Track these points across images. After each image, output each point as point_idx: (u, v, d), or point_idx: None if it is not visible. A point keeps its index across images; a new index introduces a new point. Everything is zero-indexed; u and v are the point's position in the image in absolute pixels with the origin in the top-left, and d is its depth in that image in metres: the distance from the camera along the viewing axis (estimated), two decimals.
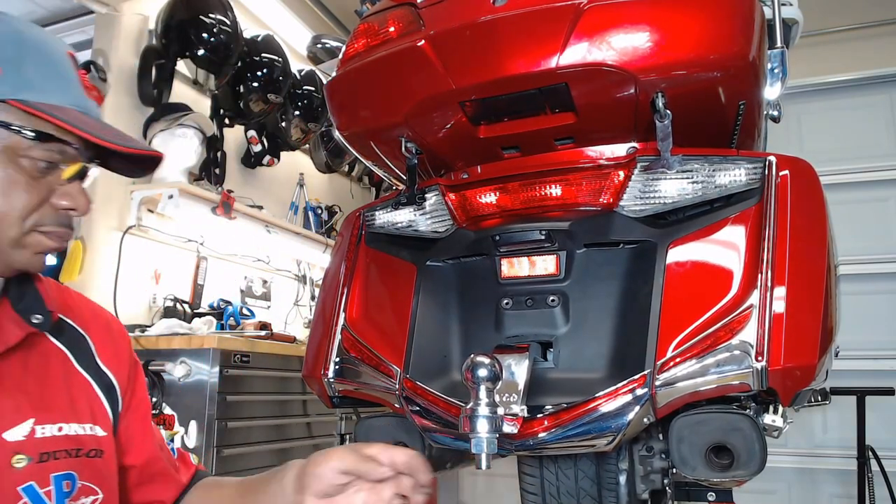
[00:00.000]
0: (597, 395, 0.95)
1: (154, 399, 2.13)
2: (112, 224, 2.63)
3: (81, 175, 0.79)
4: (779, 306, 0.91)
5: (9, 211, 0.73)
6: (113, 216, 2.67)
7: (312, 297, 3.80)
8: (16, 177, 0.73)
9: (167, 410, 2.15)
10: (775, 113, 1.18)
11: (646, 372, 0.93)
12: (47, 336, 0.83)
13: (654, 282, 1.00)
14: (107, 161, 0.82)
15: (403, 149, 1.18)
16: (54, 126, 0.74)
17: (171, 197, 2.63)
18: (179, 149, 2.73)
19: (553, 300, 1.10)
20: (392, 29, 1.16)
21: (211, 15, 2.76)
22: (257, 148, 3.45)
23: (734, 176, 1.01)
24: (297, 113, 3.43)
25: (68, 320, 0.88)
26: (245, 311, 3.13)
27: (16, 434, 0.73)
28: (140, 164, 0.85)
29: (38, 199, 0.75)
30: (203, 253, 3.06)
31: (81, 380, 0.86)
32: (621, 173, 1.05)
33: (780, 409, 0.99)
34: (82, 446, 0.79)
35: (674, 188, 1.03)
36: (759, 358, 0.88)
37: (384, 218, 1.25)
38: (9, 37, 0.74)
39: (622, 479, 1.13)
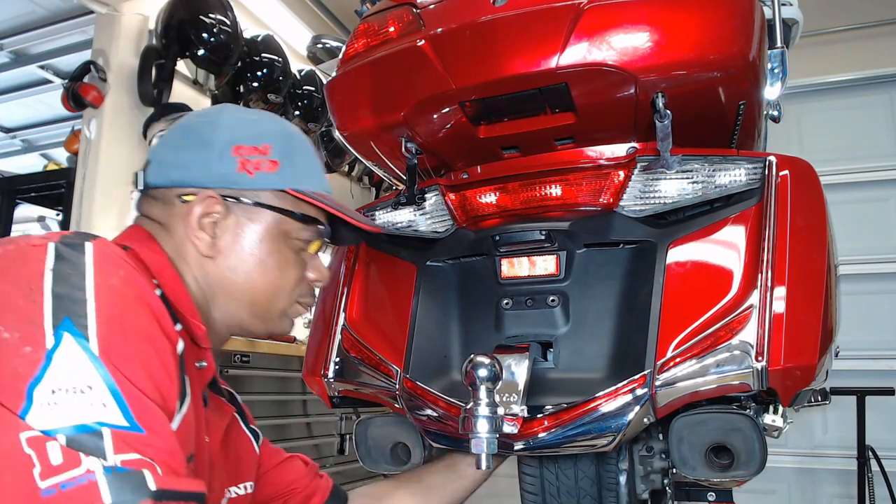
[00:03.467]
0: (597, 395, 0.95)
1: None
2: (112, 224, 2.63)
3: (321, 250, 0.93)
4: (779, 306, 0.90)
5: (283, 285, 0.86)
6: (113, 216, 2.67)
7: None
8: (288, 255, 0.86)
9: None
10: (775, 113, 1.18)
11: (646, 372, 0.93)
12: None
13: (654, 282, 1.00)
14: (336, 232, 0.96)
15: (403, 149, 1.18)
16: (315, 209, 0.87)
17: None
18: None
19: (553, 300, 1.10)
20: (392, 29, 1.15)
21: (211, 15, 2.76)
22: None
23: (734, 176, 1.01)
24: (297, 113, 3.43)
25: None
26: None
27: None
28: (363, 233, 0.99)
29: (300, 274, 0.88)
30: None
31: (246, 440, 0.97)
32: (621, 173, 1.05)
33: (780, 409, 0.99)
34: None
35: (674, 188, 1.03)
36: (759, 358, 0.88)
37: (384, 218, 1.25)
38: (281, 134, 0.87)
39: (622, 479, 1.13)
